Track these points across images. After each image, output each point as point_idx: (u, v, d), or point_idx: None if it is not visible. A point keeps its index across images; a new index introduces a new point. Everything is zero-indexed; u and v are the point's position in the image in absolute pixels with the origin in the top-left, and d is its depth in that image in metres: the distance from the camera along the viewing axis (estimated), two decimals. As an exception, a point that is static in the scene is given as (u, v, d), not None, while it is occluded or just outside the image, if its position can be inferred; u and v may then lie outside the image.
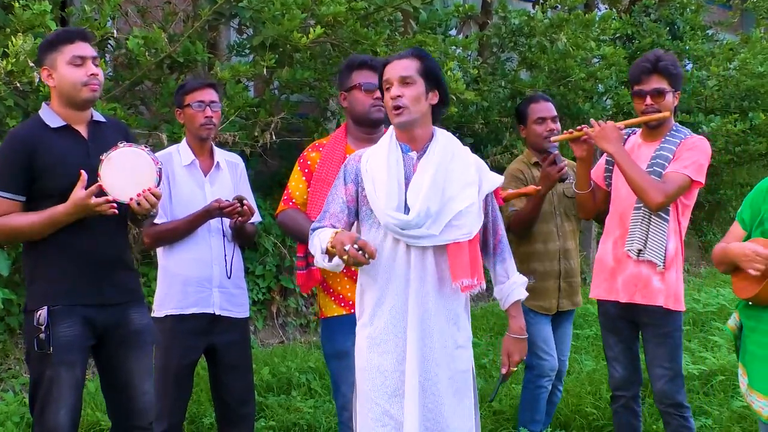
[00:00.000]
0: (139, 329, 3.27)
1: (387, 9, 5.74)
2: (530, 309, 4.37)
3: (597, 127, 3.70)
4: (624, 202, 3.77)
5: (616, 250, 3.79)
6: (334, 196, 3.03)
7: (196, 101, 3.75)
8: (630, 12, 10.10)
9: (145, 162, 3.09)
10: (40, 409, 3.08)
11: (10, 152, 3.10)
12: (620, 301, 3.77)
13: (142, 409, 3.28)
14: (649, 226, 3.66)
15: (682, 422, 3.73)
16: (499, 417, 5.03)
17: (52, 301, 3.07)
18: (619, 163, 3.63)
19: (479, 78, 7.72)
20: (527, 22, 7.65)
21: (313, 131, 6.65)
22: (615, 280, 3.79)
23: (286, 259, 7.23)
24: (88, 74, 3.11)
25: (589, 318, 7.89)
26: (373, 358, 2.98)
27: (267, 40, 5.34)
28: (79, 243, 3.11)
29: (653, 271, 3.66)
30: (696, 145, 3.67)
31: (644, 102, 3.70)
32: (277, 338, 7.16)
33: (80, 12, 4.99)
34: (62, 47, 3.11)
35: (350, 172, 3.03)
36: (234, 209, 3.61)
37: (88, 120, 3.23)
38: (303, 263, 3.64)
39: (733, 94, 10.35)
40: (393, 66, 2.96)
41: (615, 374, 3.92)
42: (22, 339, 5.53)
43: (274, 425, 4.87)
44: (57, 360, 3.03)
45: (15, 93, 4.70)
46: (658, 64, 3.68)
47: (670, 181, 3.58)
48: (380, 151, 3.01)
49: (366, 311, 3.03)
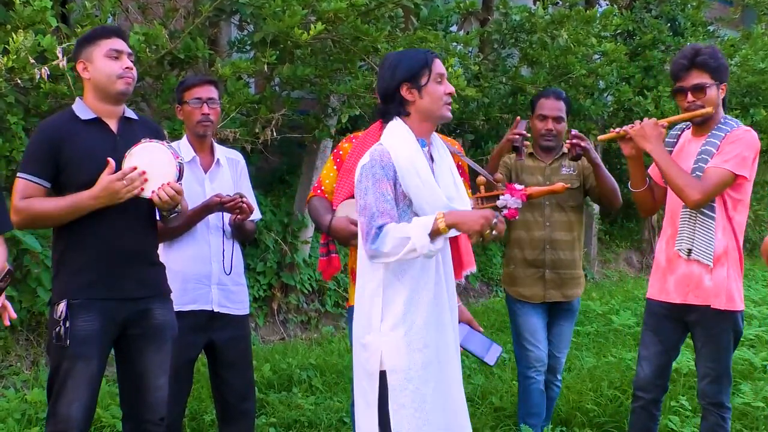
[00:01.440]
0: (160, 324, 3.28)
1: (388, 5, 5.72)
2: (516, 299, 4.39)
3: (637, 125, 3.62)
4: (675, 200, 3.69)
5: (668, 250, 3.73)
6: (380, 194, 2.91)
7: (193, 98, 3.76)
8: (631, 8, 10.08)
9: (165, 156, 3.14)
10: (53, 400, 3.10)
11: (39, 141, 3.17)
12: (672, 302, 3.69)
13: (154, 403, 3.28)
14: (695, 224, 3.60)
15: (719, 421, 3.67)
16: (500, 413, 5.03)
17: (72, 294, 3.10)
18: (657, 161, 3.57)
19: (480, 74, 7.71)
20: (528, 19, 7.64)
21: (313, 128, 6.64)
22: (666, 280, 3.72)
23: (287, 256, 7.23)
24: (123, 67, 3.18)
25: (590, 315, 7.92)
26: (415, 356, 2.95)
27: (268, 37, 5.33)
28: (104, 237, 3.14)
29: (705, 269, 3.60)
30: (739, 137, 3.56)
31: (686, 99, 3.62)
32: (278, 335, 7.17)
33: (81, 8, 4.98)
34: (100, 41, 3.17)
35: (388, 169, 2.95)
36: (235, 204, 3.62)
37: (120, 115, 3.27)
38: (324, 250, 3.72)
39: (734, 91, 10.33)
40: (441, 64, 3.04)
41: (640, 373, 3.86)
42: (23, 336, 5.54)
43: (274, 422, 4.87)
44: (73, 353, 3.05)
45: (16, 90, 4.70)
46: (695, 59, 3.58)
47: (707, 178, 3.50)
48: (410, 145, 2.99)
49: (394, 311, 2.96)
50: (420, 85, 3.00)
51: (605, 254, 11.32)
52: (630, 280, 10.62)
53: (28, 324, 5.58)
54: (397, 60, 3.04)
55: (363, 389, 3.03)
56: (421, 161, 2.96)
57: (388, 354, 2.94)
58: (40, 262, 5.31)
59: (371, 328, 2.98)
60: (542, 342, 4.37)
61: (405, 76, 3.00)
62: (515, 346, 4.49)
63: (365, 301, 3.02)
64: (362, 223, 2.92)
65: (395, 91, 3.01)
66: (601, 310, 8.20)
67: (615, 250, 11.53)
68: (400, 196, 2.97)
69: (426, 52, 3.05)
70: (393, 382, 2.93)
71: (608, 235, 11.54)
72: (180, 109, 3.84)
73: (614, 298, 8.92)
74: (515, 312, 4.43)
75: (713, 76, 3.60)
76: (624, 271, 11.29)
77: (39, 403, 4.78)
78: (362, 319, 3.02)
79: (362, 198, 2.93)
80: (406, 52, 3.11)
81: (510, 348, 6.24)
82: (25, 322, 5.52)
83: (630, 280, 10.56)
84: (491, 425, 4.84)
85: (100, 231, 3.12)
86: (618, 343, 6.86)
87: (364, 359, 3.00)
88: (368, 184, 2.92)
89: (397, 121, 3.04)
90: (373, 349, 2.96)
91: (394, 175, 2.95)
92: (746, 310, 7.59)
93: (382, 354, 2.95)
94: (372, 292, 2.99)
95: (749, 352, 6.06)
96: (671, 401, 4.95)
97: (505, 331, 6.73)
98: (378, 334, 2.96)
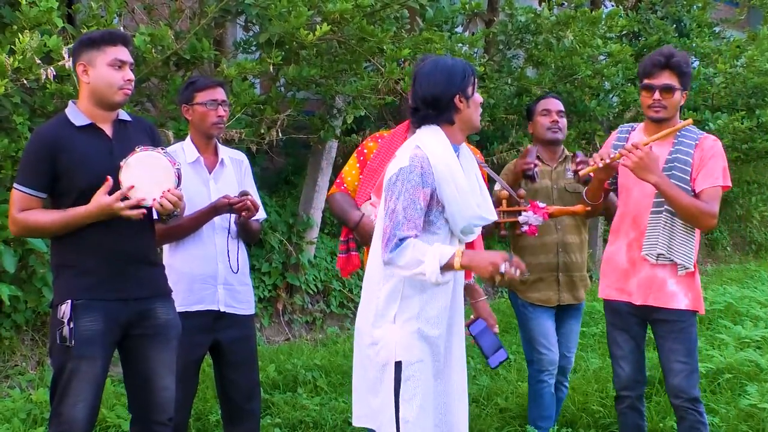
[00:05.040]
0: (163, 323, 3.28)
1: (393, 6, 5.73)
2: (529, 302, 4.39)
3: (634, 158, 3.54)
4: (637, 204, 3.74)
5: (631, 252, 3.76)
6: (412, 201, 2.92)
7: (209, 100, 3.76)
8: (636, 9, 10.06)
9: (162, 164, 3.13)
10: (57, 401, 3.09)
11: (34, 150, 3.14)
12: (633, 303, 3.75)
13: (160, 403, 3.28)
14: (673, 230, 3.63)
15: (698, 417, 3.69)
16: (506, 415, 5.02)
17: (76, 295, 3.10)
18: (664, 192, 3.55)
19: (485, 75, 7.71)
20: (534, 20, 7.64)
21: (319, 129, 6.65)
22: (628, 282, 3.77)
23: (292, 257, 7.24)
24: (125, 79, 3.16)
25: (596, 316, 7.88)
26: (426, 350, 3.04)
27: (273, 37, 5.33)
28: (104, 239, 3.14)
29: (669, 273, 3.66)
30: (717, 150, 3.66)
31: (652, 96, 3.66)
32: (283, 335, 7.17)
33: (87, 9, 4.98)
34: (105, 47, 3.14)
35: (427, 175, 2.95)
36: (243, 205, 3.62)
37: (114, 119, 3.26)
38: (344, 247, 3.77)
39: (740, 92, 10.31)
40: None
41: (621, 373, 3.88)
42: (28, 336, 5.55)
43: (280, 422, 4.87)
44: (78, 353, 3.05)
45: (21, 90, 4.71)
46: (671, 59, 3.64)
47: (712, 199, 3.58)
48: (450, 153, 3.01)
49: (411, 307, 3.04)
50: (468, 96, 3.05)
51: (610, 256, 11.26)
52: (635, 281, 10.56)
53: (34, 324, 5.59)
54: (451, 67, 3.04)
55: (371, 381, 3.11)
56: (458, 169, 3.00)
57: (403, 346, 3.02)
58: (45, 262, 5.31)
59: (384, 321, 3.06)
60: (555, 345, 4.37)
61: (461, 85, 3.03)
62: (527, 350, 4.48)
63: (375, 296, 3.09)
64: (386, 226, 2.94)
65: (451, 99, 3.03)
66: (606, 311, 8.17)
67: (620, 252, 11.48)
68: (435, 202, 2.99)
69: (465, 63, 3.10)
70: (407, 373, 3.01)
71: (614, 236, 11.49)
72: (188, 109, 3.80)
73: (620, 299, 8.87)
74: (526, 316, 4.42)
75: (681, 81, 3.67)
76: (629, 272, 11.23)
77: (44, 403, 4.79)
78: (369, 314, 3.10)
79: (392, 201, 2.95)
80: (450, 60, 3.10)
81: (514, 350, 6.24)
82: (30, 322, 5.53)
83: (635, 282, 10.51)
84: (497, 426, 4.84)
85: (99, 233, 3.12)
86: (623, 345, 6.83)
87: (374, 352, 3.08)
88: (402, 189, 2.93)
89: (435, 128, 3.05)
90: (386, 342, 3.04)
91: (432, 182, 2.97)
92: (752, 311, 7.59)
93: (396, 346, 3.02)
94: (392, 287, 3.05)
95: (755, 354, 6.04)
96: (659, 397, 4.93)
97: (510, 332, 6.72)
98: (392, 327, 3.04)
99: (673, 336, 3.70)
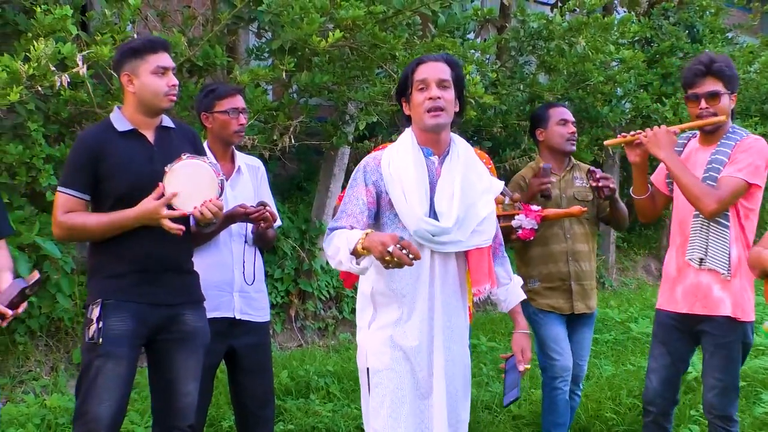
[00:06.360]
0: (191, 330, 3.30)
1: (405, 13, 5.73)
2: (539, 309, 4.37)
3: (650, 133, 3.57)
4: (684, 209, 3.66)
5: (678, 259, 3.68)
6: (352, 197, 2.98)
7: (232, 107, 3.76)
8: (649, 15, 10.05)
9: (206, 174, 3.16)
10: (82, 399, 3.11)
11: (78, 154, 3.20)
12: (680, 312, 3.65)
13: (182, 409, 3.29)
14: (709, 234, 3.55)
15: None
16: (519, 422, 5.01)
17: (106, 295, 3.14)
18: (670, 168, 3.54)
19: (498, 81, 7.71)
20: (546, 26, 7.63)
21: (331, 135, 6.66)
22: (675, 290, 3.68)
23: (305, 263, 7.24)
24: (170, 84, 3.21)
25: (609, 323, 7.87)
26: (400, 359, 2.98)
27: (286, 44, 5.34)
28: (141, 245, 3.17)
29: (714, 279, 3.55)
30: (751, 146, 3.54)
31: (698, 105, 3.60)
32: (296, 342, 7.17)
33: (101, 16, 5.01)
34: (147, 56, 3.18)
35: (370, 174, 3.00)
36: (260, 215, 3.62)
37: (157, 125, 3.30)
38: None
39: (754, 98, 10.28)
40: (431, 67, 2.98)
41: (649, 386, 3.81)
42: (42, 341, 5.57)
43: (292, 428, 4.88)
44: (105, 351, 3.08)
45: (36, 97, 4.74)
46: (712, 66, 3.58)
47: (723, 187, 3.47)
48: (403, 154, 2.99)
49: (386, 315, 3.01)
50: (408, 96, 3.03)
51: (623, 262, 11.24)
52: (648, 288, 10.55)
53: (48, 330, 5.61)
54: (403, 73, 3.07)
55: (362, 384, 3.13)
56: (409, 173, 2.95)
57: (373, 352, 3.02)
58: (59, 268, 5.34)
59: (360, 327, 3.09)
60: (567, 350, 4.35)
61: (399, 88, 3.07)
62: (540, 357, 4.46)
63: (360, 302, 3.12)
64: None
65: (401, 104, 3.08)
66: (619, 318, 8.16)
67: (633, 258, 11.45)
68: (387, 204, 2.99)
69: (417, 60, 3.05)
70: (375, 380, 3.01)
71: (626, 242, 11.46)
72: (208, 116, 3.79)
73: (632, 306, 8.87)
74: (538, 322, 4.40)
75: (726, 85, 3.60)
76: (642, 278, 11.21)
77: (58, 408, 4.81)
78: (358, 319, 3.15)
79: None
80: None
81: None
82: (44, 327, 5.55)
83: (648, 288, 10.49)
84: (509, 433, 4.83)
85: (137, 239, 3.16)
86: (637, 352, 6.81)
87: (357, 356, 3.13)
88: (349, 187, 3.02)
89: (407, 131, 3.08)
90: (361, 348, 3.07)
91: (377, 182, 2.98)
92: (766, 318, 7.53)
93: (368, 352, 3.03)
94: (366, 294, 3.07)
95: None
96: (691, 410, 4.91)
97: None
98: (366, 332, 3.05)
99: (713, 350, 3.59)
